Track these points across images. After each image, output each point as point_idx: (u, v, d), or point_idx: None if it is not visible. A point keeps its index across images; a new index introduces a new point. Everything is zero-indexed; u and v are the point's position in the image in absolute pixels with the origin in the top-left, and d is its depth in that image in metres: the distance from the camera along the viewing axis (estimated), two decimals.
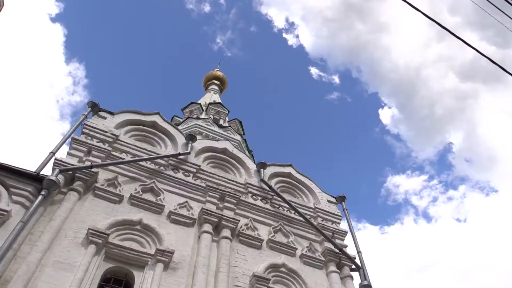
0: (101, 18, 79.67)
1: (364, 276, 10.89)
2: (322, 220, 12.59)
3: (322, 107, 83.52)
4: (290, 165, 14.50)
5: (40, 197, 8.35)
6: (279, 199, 12.43)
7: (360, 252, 11.74)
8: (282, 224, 11.68)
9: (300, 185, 14.05)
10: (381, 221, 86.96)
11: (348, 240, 12.44)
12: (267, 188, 12.51)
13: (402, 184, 79.89)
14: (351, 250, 11.85)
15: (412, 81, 75.75)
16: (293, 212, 12.28)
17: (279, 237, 11.25)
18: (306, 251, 11.15)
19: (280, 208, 12.34)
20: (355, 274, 11.17)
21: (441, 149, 78.94)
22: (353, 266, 11.28)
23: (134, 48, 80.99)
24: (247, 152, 21.71)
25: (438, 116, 72.71)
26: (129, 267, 8.49)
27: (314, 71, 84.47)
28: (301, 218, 12.05)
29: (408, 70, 77.51)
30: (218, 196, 11.36)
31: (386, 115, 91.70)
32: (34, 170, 9.18)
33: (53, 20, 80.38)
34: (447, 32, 6.72)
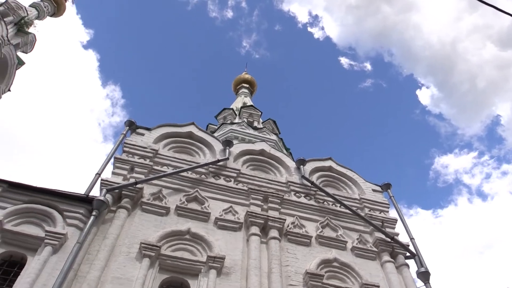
0: (129, 38, 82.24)
1: (420, 263, 10.57)
2: (369, 210, 12.34)
3: (357, 96, 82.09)
4: (330, 159, 14.32)
5: (92, 218, 8.71)
6: (323, 194, 12.30)
7: (413, 238, 11.41)
8: (328, 218, 11.54)
9: (342, 178, 13.84)
10: (433, 205, 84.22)
11: (399, 228, 12.13)
12: (309, 184, 12.41)
13: (451, 164, 77.19)
14: (403, 238, 11.55)
15: (448, 57, 73.00)
16: (338, 205, 12.11)
17: (328, 232, 11.13)
18: (356, 244, 10.96)
19: (325, 202, 12.21)
20: (411, 262, 10.86)
21: (489, 123, 75.58)
22: (408, 254, 10.98)
23: (164, 62, 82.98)
24: (284, 151, 21.64)
25: (480, 89, 69.66)
26: (183, 276, 8.67)
27: (344, 61, 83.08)
28: (347, 211, 11.86)
29: (443, 46, 74.77)
30: (261, 197, 11.39)
31: (425, 96, 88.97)
32: (83, 193, 9.63)
33: (85, 47, 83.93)
34: (479, 2, 6.40)
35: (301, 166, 13.11)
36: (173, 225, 9.70)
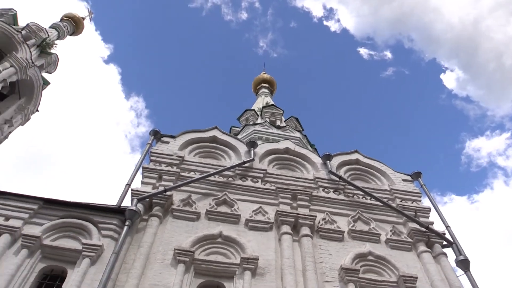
0: (147, 49, 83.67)
1: (458, 251, 10.31)
2: (401, 201, 12.10)
3: (379, 86, 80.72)
4: (356, 151, 14.15)
5: (125, 228, 8.91)
6: (352, 187, 12.16)
7: (449, 226, 11.13)
8: (360, 212, 11.40)
9: (370, 170, 13.65)
10: (468, 191, 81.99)
11: (433, 217, 11.85)
12: (337, 179, 12.29)
13: (483, 146, 74.96)
14: (438, 227, 11.29)
15: (471, 37, 70.99)
16: (369, 198, 11.94)
17: (360, 226, 10.99)
18: (390, 235, 10.78)
19: (355, 196, 12.06)
20: (448, 251, 10.59)
21: None
22: (444, 243, 10.71)
23: (183, 69, 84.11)
24: (309, 147, 21.50)
25: (508, 66, 67.26)
26: (219, 279, 8.74)
27: (363, 51, 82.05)
28: (378, 203, 11.68)
29: (465, 27, 72.74)
30: (289, 196, 11.36)
31: (450, 79, 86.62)
32: (115, 204, 9.88)
33: (106, 61, 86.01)
34: None
35: (328, 161, 13.00)
36: (204, 230, 9.80)
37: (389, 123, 77.45)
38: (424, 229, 10.85)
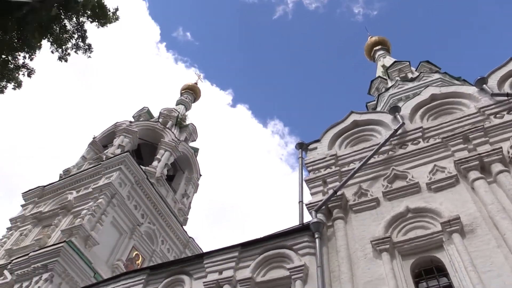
0: (257, 71, 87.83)
1: None
2: None
3: None
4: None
5: (317, 241, 9.17)
6: None
7: None
8: None
9: None
10: None
11: None
12: (505, 98, 10.65)
13: None
14: None
15: None
16: None
17: None
18: None
19: None
20: None
21: None
22: None
23: (295, 72, 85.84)
24: (456, 82, 19.29)
25: None
26: (428, 253, 8.24)
27: None
28: None
29: None
30: (461, 140, 10.24)
31: None
32: (298, 223, 10.36)
33: (233, 105, 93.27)
34: None
35: (484, 85, 11.41)
36: (390, 212, 9.44)
37: None
38: None
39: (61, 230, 18.66)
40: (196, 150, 30.09)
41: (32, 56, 11.55)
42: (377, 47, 31.42)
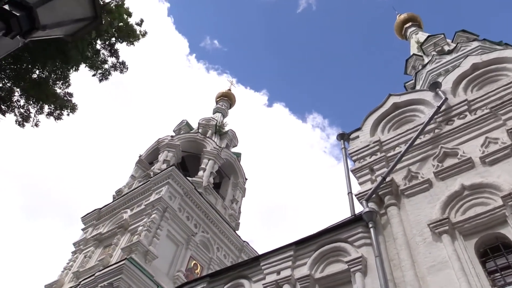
0: (290, 67, 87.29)
1: None
2: None
3: None
4: None
5: (372, 230, 8.96)
6: None
7: None
8: None
9: None
10: None
11: None
12: None
13: None
14: None
15: None
16: None
17: None
18: None
19: None
20: None
21: None
22: None
23: (329, 62, 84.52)
24: (498, 47, 18.28)
25: None
26: (492, 230, 7.83)
27: None
28: None
29: None
30: (511, 107, 9.67)
31: None
32: (351, 215, 10.17)
33: (269, 105, 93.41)
34: None
35: None
36: (445, 191, 9.07)
37: None
38: None
39: (121, 248, 19.45)
40: (238, 155, 30.38)
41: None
42: (407, 25, 30.39)
